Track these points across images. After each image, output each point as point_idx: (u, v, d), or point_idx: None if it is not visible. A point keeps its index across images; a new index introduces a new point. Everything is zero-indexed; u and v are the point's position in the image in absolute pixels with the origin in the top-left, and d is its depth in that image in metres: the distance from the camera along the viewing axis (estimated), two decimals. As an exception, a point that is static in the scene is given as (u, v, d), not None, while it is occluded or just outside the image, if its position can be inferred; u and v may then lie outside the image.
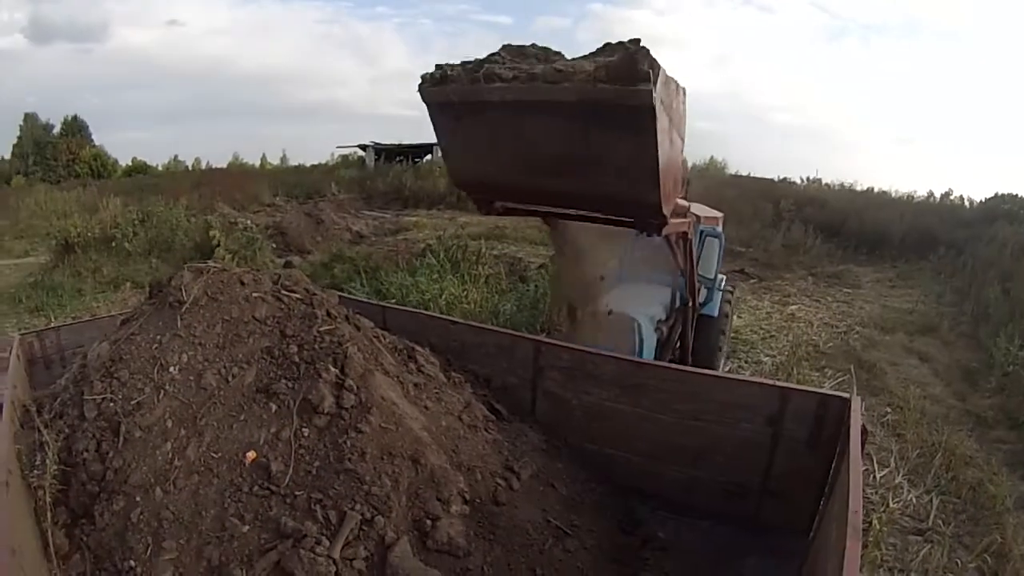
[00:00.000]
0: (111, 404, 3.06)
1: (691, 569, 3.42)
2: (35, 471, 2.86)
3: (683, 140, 3.72)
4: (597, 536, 3.55)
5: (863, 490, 2.50)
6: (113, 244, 13.16)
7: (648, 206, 3.56)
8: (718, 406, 3.63)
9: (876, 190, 21.03)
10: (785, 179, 22.16)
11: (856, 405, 3.12)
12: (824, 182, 21.78)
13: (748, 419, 3.56)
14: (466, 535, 3.16)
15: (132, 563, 2.68)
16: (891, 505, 4.98)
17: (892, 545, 4.62)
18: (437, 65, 3.75)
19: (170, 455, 2.98)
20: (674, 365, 4.68)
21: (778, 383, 3.76)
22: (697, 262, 6.24)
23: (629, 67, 3.01)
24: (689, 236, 5.15)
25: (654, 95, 2.98)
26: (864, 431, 2.90)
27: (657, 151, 3.17)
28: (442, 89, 3.68)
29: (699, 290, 6.39)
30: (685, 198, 4.89)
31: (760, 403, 3.53)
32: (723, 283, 7.25)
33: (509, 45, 3.72)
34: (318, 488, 2.99)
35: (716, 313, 6.79)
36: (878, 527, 4.50)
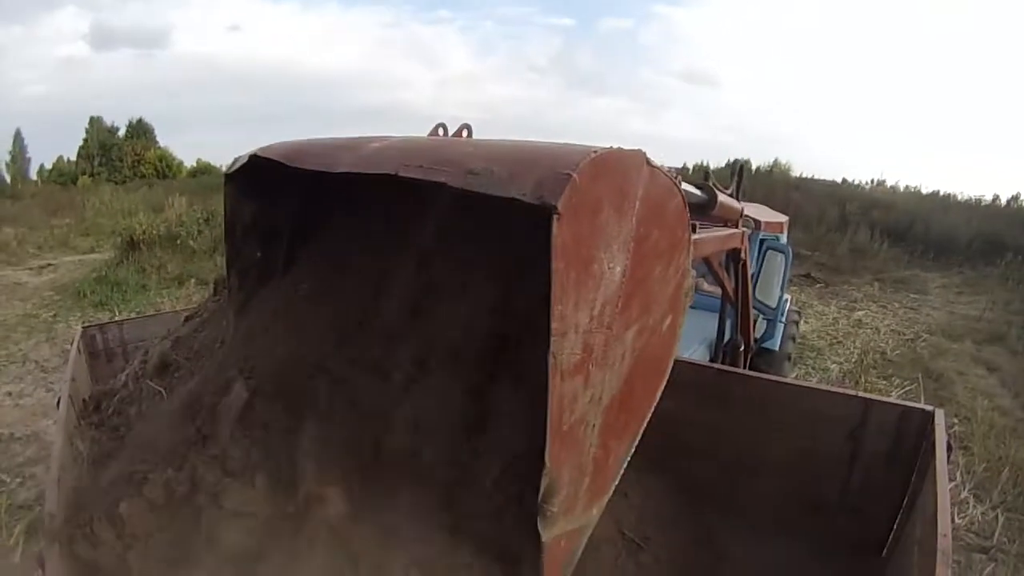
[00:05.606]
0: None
1: (763, 587, 3.35)
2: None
3: None
4: (671, 550, 3.44)
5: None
6: (178, 242, 13.26)
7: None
8: (799, 416, 3.51)
9: (942, 193, 20.52)
10: (847, 181, 21.82)
11: (940, 419, 2.98)
12: (889, 184, 21.41)
13: (829, 430, 3.43)
14: (533, 545, 3.07)
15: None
16: (956, 521, 4.90)
17: (956, 562, 4.48)
18: None
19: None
20: (755, 373, 4.44)
21: (860, 394, 3.62)
22: (755, 283, 5.16)
23: None
24: (743, 255, 4.01)
25: None
26: (949, 447, 2.79)
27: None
28: None
29: (756, 321, 5.18)
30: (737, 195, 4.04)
31: (842, 414, 3.40)
32: (788, 306, 6.08)
33: None
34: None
35: (777, 347, 5.58)
36: (942, 543, 4.44)
